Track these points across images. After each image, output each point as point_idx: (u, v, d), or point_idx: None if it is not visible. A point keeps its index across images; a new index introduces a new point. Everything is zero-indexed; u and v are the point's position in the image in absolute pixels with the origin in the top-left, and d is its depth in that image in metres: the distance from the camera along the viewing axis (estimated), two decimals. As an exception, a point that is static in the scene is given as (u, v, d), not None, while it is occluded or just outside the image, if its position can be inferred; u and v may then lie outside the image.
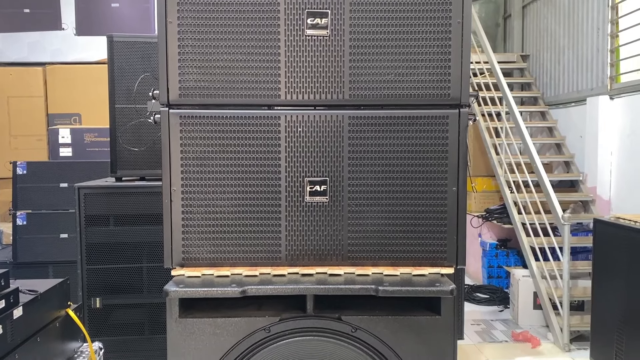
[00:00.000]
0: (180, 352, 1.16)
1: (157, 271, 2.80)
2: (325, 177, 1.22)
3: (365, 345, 1.16)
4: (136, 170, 2.87)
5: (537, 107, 5.78)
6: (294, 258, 1.22)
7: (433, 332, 1.16)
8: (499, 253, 5.49)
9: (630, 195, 4.50)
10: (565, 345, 4.09)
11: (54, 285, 1.60)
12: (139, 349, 2.81)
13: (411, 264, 1.21)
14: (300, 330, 1.17)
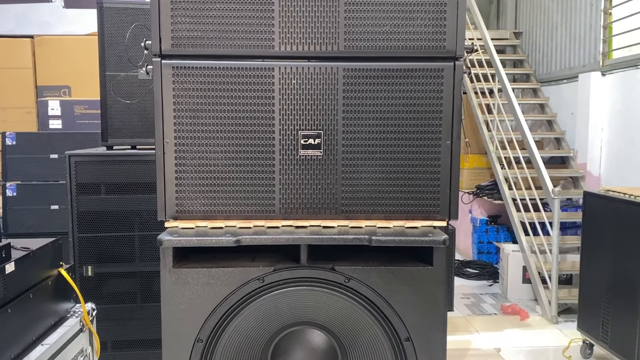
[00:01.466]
0: (174, 302, 1.16)
1: (149, 240, 2.79)
2: (319, 131, 1.21)
3: (358, 295, 1.17)
4: (127, 139, 2.84)
5: (529, 84, 5.79)
6: (287, 211, 1.22)
7: (425, 283, 1.18)
8: (489, 229, 5.54)
9: (620, 171, 4.55)
10: (553, 317, 4.16)
11: (46, 244, 1.60)
12: (132, 317, 2.82)
13: (404, 218, 1.22)
14: (294, 281, 1.17)
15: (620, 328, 3.13)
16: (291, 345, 1.22)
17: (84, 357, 1.72)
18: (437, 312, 1.18)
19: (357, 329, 1.18)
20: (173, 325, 1.16)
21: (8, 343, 1.35)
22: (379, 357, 1.18)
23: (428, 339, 1.18)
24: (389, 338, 1.18)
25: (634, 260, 3.00)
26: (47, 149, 3.69)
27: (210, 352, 1.17)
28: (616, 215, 3.17)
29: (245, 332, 1.17)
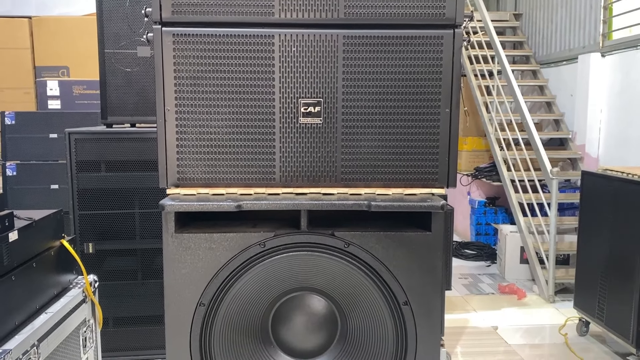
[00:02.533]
0: (176, 267, 1.18)
1: (149, 217, 2.81)
2: (319, 99, 1.22)
3: (358, 260, 1.19)
4: (127, 117, 2.85)
5: (528, 65, 5.78)
6: (287, 179, 1.24)
7: (423, 248, 1.19)
8: (487, 211, 5.57)
9: (618, 152, 4.56)
10: (550, 296, 4.20)
11: (49, 214, 1.61)
12: (132, 294, 2.85)
13: (403, 185, 1.23)
14: (295, 246, 1.19)
15: (616, 306, 3.17)
16: (291, 311, 1.24)
17: (87, 328, 1.74)
18: (435, 277, 1.20)
19: (356, 294, 1.20)
20: (175, 290, 1.18)
21: (12, 310, 1.37)
22: (378, 321, 1.21)
23: (426, 303, 1.20)
24: (387, 302, 1.20)
25: (630, 239, 3.03)
26: (47, 129, 3.69)
27: (212, 315, 1.19)
28: (614, 194, 3.19)
29: (246, 296, 1.19)
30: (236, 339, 1.21)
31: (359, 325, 1.22)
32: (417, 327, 1.20)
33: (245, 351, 1.22)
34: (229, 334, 1.20)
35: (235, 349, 1.21)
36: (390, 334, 1.20)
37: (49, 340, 1.47)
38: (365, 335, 1.22)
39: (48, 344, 1.47)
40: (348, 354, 1.23)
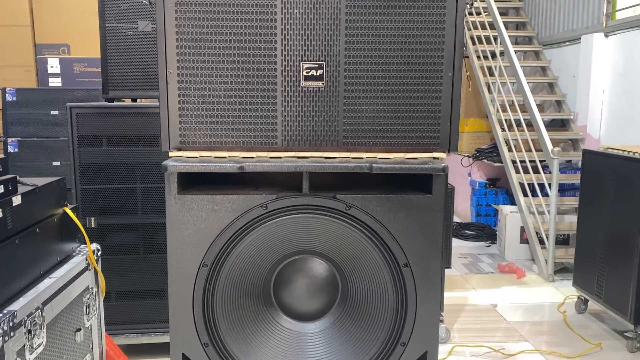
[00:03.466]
0: (179, 228, 1.19)
1: (150, 192, 2.82)
2: (321, 62, 1.22)
3: (359, 222, 1.20)
4: (128, 92, 2.84)
5: (531, 46, 5.74)
6: (289, 144, 1.24)
7: (424, 211, 1.20)
8: (487, 192, 5.58)
9: (620, 132, 4.56)
10: (549, 276, 4.23)
11: (51, 181, 1.62)
12: (134, 268, 2.87)
13: (405, 150, 1.23)
14: (297, 208, 1.20)
15: (614, 283, 3.19)
16: (293, 274, 1.25)
17: (90, 296, 1.76)
18: (435, 239, 1.21)
19: (357, 256, 1.21)
20: (178, 251, 1.19)
21: (16, 273, 1.38)
22: (378, 283, 1.22)
23: (426, 265, 1.21)
24: (388, 264, 1.21)
25: (630, 217, 3.04)
26: (48, 105, 3.69)
27: (215, 276, 1.20)
28: (614, 172, 3.19)
29: (248, 258, 1.20)
30: (238, 300, 1.22)
31: (359, 287, 1.23)
32: (417, 288, 1.21)
33: (247, 312, 1.23)
34: (231, 295, 1.21)
35: (237, 310, 1.23)
36: (390, 295, 1.22)
37: (52, 305, 1.49)
38: (366, 297, 1.23)
39: (52, 308, 1.49)
40: (349, 315, 1.25)
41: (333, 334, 1.26)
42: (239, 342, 1.23)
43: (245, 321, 1.24)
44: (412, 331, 1.23)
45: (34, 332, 1.37)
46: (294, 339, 1.27)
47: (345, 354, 1.25)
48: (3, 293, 1.31)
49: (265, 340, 1.25)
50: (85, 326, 1.72)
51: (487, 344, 3.16)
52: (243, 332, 1.23)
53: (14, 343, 1.28)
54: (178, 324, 1.21)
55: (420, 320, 1.23)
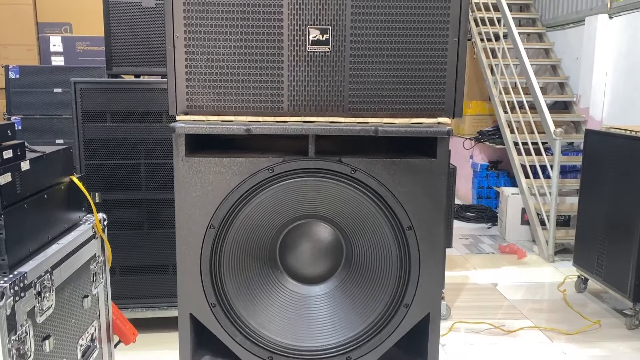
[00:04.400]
0: (187, 190, 1.21)
1: (154, 168, 2.84)
2: (327, 26, 1.23)
3: (364, 185, 1.22)
4: (131, 68, 2.85)
5: (534, 28, 5.71)
6: (295, 109, 1.25)
7: (428, 175, 1.22)
8: (489, 174, 5.60)
9: (622, 115, 4.55)
10: (549, 256, 4.26)
11: (58, 149, 1.63)
12: (138, 244, 2.90)
13: (409, 115, 1.24)
14: (303, 171, 1.21)
15: (614, 261, 3.22)
16: (298, 238, 1.27)
17: (97, 264, 1.78)
18: (439, 203, 1.22)
19: (362, 220, 1.23)
20: (186, 212, 1.21)
21: (25, 237, 1.40)
22: (382, 246, 1.24)
23: (429, 228, 1.23)
24: (392, 227, 1.23)
25: (632, 195, 3.06)
26: (51, 83, 3.69)
27: (222, 238, 1.22)
28: (617, 151, 3.20)
29: (255, 221, 1.22)
30: (245, 263, 1.24)
31: (363, 251, 1.25)
32: (420, 251, 1.23)
33: (253, 274, 1.26)
34: (237, 257, 1.23)
35: (243, 272, 1.25)
36: (394, 258, 1.24)
37: (61, 269, 1.51)
38: (370, 260, 1.25)
39: (61, 273, 1.51)
40: (353, 278, 1.27)
41: (337, 296, 1.28)
42: (246, 303, 1.25)
43: (251, 283, 1.26)
44: (415, 293, 1.25)
45: (43, 294, 1.40)
46: (299, 301, 1.29)
47: (350, 315, 1.27)
48: (13, 255, 1.33)
49: (271, 301, 1.27)
50: (92, 293, 1.74)
51: (487, 321, 3.19)
52: (249, 293, 1.26)
53: (25, 304, 1.31)
54: (186, 285, 1.23)
55: (423, 282, 1.25)
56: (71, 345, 1.59)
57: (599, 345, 2.95)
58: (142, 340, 2.87)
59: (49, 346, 1.41)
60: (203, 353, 1.32)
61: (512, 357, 2.81)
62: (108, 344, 1.91)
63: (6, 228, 1.30)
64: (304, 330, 1.27)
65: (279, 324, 1.27)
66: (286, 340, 1.26)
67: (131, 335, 1.94)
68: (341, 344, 1.27)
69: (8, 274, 1.30)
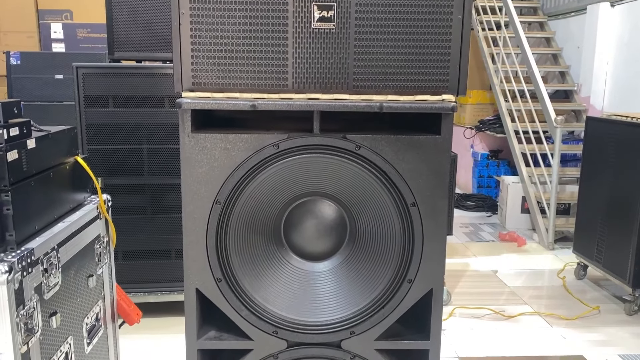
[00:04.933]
0: (193, 166, 1.22)
1: (157, 153, 2.85)
2: (332, 3, 1.23)
3: (368, 162, 1.23)
4: (133, 53, 2.85)
5: (535, 17, 5.70)
6: (300, 86, 1.26)
7: (432, 151, 1.23)
8: (489, 163, 5.61)
9: (623, 103, 4.56)
10: (549, 244, 4.28)
11: (63, 129, 1.64)
12: (141, 229, 2.91)
13: (413, 93, 1.25)
14: (307, 148, 1.22)
15: (614, 248, 3.23)
16: (303, 215, 1.28)
17: (101, 244, 1.79)
18: (442, 179, 1.24)
19: (366, 197, 1.24)
20: (192, 188, 1.22)
21: (32, 215, 1.42)
22: (386, 222, 1.25)
23: (433, 204, 1.24)
24: (396, 204, 1.24)
25: (632, 181, 3.07)
26: (52, 69, 3.68)
27: (227, 214, 1.23)
28: (617, 138, 3.21)
29: (260, 197, 1.23)
30: (250, 239, 1.26)
31: (367, 228, 1.26)
32: (424, 227, 1.24)
33: (258, 251, 1.27)
34: (243, 233, 1.25)
35: (249, 248, 1.26)
36: (397, 234, 1.25)
37: (67, 247, 1.53)
38: (374, 237, 1.26)
39: (67, 251, 1.52)
40: (357, 254, 1.28)
41: (341, 272, 1.30)
42: (251, 279, 1.26)
43: (256, 259, 1.27)
44: (419, 269, 1.26)
45: (50, 271, 1.41)
46: (304, 277, 1.30)
47: (353, 291, 1.29)
48: (20, 232, 1.34)
49: (276, 277, 1.29)
50: (97, 273, 1.76)
51: (487, 306, 3.22)
52: (254, 269, 1.27)
53: (32, 279, 1.32)
54: (192, 260, 1.25)
55: (427, 258, 1.26)
56: (77, 323, 1.61)
57: (598, 330, 2.98)
58: (144, 325, 2.89)
59: (56, 322, 1.43)
60: (209, 328, 1.33)
61: (512, 342, 2.83)
62: (113, 325, 1.93)
63: (13, 204, 1.31)
64: (309, 305, 1.28)
65: (283, 299, 1.28)
66: (291, 315, 1.28)
67: (135, 316, 1.95)
68: (345, 318, 1.28)
69: (16, 249, 1.31)
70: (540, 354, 2.70)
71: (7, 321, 1.22)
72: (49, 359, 1.41)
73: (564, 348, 2.76)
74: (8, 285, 1.21)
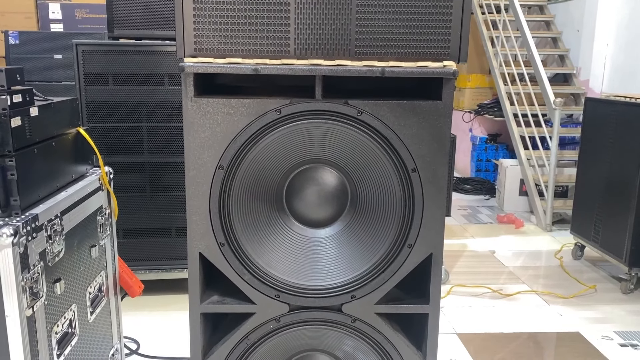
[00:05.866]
0: (196, 130, 1.22)
1: (156, 131, 2.85)
2: (334, -31, 1.23)
3: (369, 127, 1.24)
4: (133, 31, 2.84)
5: (535, 0, 5.68)
6: (302, 52, 1.26)
7: (433, 116, 1.24)
8: (488, 147, 5.62)
9: (621, 86, 4.56)
10: (547, 226, 4.30)
11: (65, 99, 1.65)
12: (141, 207, 2.92)
13: (415, 59, 1.26)
14: (310, 113, 1.23)
15: (611, 227, 3.26)
16: (305, 182, 1.30)
17: (103, 216, 1.81)
18: (443, 145, 1.25)
19: (367, 162, 1.25)
20: (195, 153, 1.23)
21: (35, 183, 1.43)
22: (387, 188, 1.26)
23: (433, 170, 1.25)
24: (396, 169, 1.25)
25: (629, 160, 3.09)
26: (51, 49, 3.67)
27: (230, 179, 1.24)
28: (615, 118, 3.22)
29: (262, 163, 1.24)
30: (252, 205, 1.27)
31: (368, 194, 1.28)
32: (424, 192, 1.26)
33: (261, 217, 1.28)
34: (245, 199, 1.26)
35: (251, 214, 1.27)
36: (398, 199, 1.26)
37: (70, 216, 1.54)
38: (375, 203, 1.28)
39: (70, 219, 1.54)
40: (358, 221, 1.30)
41: (343, 238, 1.31)
42: (253, 244, 1.28)
43: (258, 224, 1.29)
44: (418, 234, 1.28)
45: (54, 238, 1.42)
46: (306, 244, 1.32)
47: (354, 256, 1.30)
48: (24, 198, 1.35)
49: (278, 243, 1.30)
50: (99, 244, 1.77)
51: (485, 285, 3.25)
52: (257, 234, 1.28)
53: (36, 244, 1.34)
54: (195, 224, 1.26)
55: (426, 222, 1.28)
56: (80, 292, 1.62)
57: (594, 308, 3.01)
58: (145, 302, 2.92)
59: (60, 289, 1.44)
60: (212, 294, 1.35)
61: (510, 319, 2.87)
62: (115, 297, 1.95)
63: (17, 170, 1.32)
64: (310, 270, 1.30)
65: (285, 264, 1.30)
66: (293, 280, 1.30)
67: (137, 288, 1.97)
68: (346, 283, 1.30)
69: (20, 214, 1.32)
70: (537, 330, 2.73)
71: (12, 284, 1.23)
72: (53, 324, 1.43)
73: (560, 325, 2.79)
74: (13, 248, 1.22)
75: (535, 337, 2.67)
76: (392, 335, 1.33)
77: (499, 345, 2.58)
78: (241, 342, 1.32)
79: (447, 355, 2.48)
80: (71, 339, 1.53)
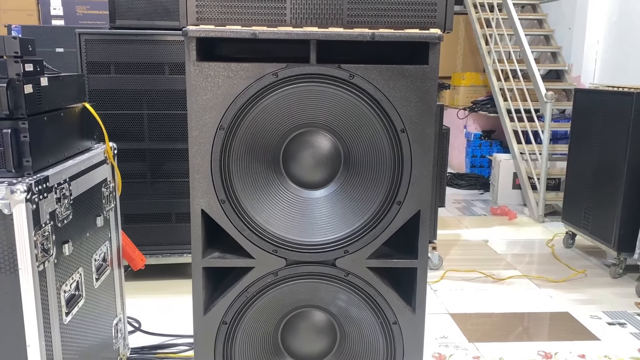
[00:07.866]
0: (198, 93, 1.30)
1: (157, 119, 2.93)
2: (328, -57, 1.32)
3: (361, 90, 1.32)
4: (134, 21, 2.92)
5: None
6: (297, 21, 1.35)
7: (420, 79, 1.32)
8: (482, 143, 5.71)
9: (612, 81, 4.66)
10: (539, 217, 4.39)
11: (72, 74, 1.73)
12: (142, 193, 3.00)
13: (403, 27, 1.35)
14: (305, 76, 1.31)
15: (601, 214, 3.34)
16: (300, 146, 1.38)
17: (107, 188, 1.88)
18: (430, 106, 1.33)
19: (359, 124, 1.34)
20: (197, 114, 1.31)
21: (45, 149, 1.50)
22: (377, 149, 1.34)
23: (421, 131, 1.34)
24: (386, 130, 1.33)
25: (618, 147, 3.18)
26: (53, 43, 3.75)
27: (230, 139, 1.32)
28: (604, 107, 3.32)
29: (260, 124, 1.32)
30: (251, 165, 1.35)
31: (360, 155, 1.36)
32: (412, 152, 1.34)
33: (259, 177, 1.36)
34: (245, 159, 1.34)
35: (250, 174, 1.35)
36: (388, 159, 1.34)
37: (78, 183, 1.61)
38: (366, 163, 1.36)
39: (77, 186, 1.61)
40: (350, 181, 1.38)
41: (336, 198, 1.39)
42: (252, 201, 1.36)
43: (257, 184, 1.36)
44: (407, 191, 1.36)
45: (62, 202, 1.50)
46: (301, 203, 1.40)
47: (347, 214, 1.38)
48: (36, 161, 1.43)
49: (275, 202, 1.38)
50: (104, 215, 1.85)
51: (478, 269, 3.32)
52: (255, 193, 1.36)
53: (47, 204, 1.41)
54: (198, 182, 1.34)
55: (415, 181, 1.36)
56: (87, 257, 1.70)
57: (584, 291, 3.09)
58: (145, 286, 2.99)
59: (68, 250, 1.52)
60: (213, 251, 1.43)
61: (501, 301, 2.94)
62: (119, 270, 2.02)
63: (30, 134, 1.39)
64: (306, 227, 1.38)
65: (283, 221, 1.38)
66: (290, 236, 1.37)
67: (140, 262, 2.04)
68: (339, 239, 1.38)
69: (32, 175, 1.40)
70: (528, 310, 2.81)
71: (25, 238, 1.31)
72: (62, 282, 1.50)
73: (550, 306, 2.87)
74: (27, 204, 1.30)
75: (526, 316, 2.74)
76: (383, 288, 1.41)
77: (490, 324, 2.65)
78: (241, 295, 1.40)
79: (440, 333, 2.56)
80: (78, 300, 1.60)
